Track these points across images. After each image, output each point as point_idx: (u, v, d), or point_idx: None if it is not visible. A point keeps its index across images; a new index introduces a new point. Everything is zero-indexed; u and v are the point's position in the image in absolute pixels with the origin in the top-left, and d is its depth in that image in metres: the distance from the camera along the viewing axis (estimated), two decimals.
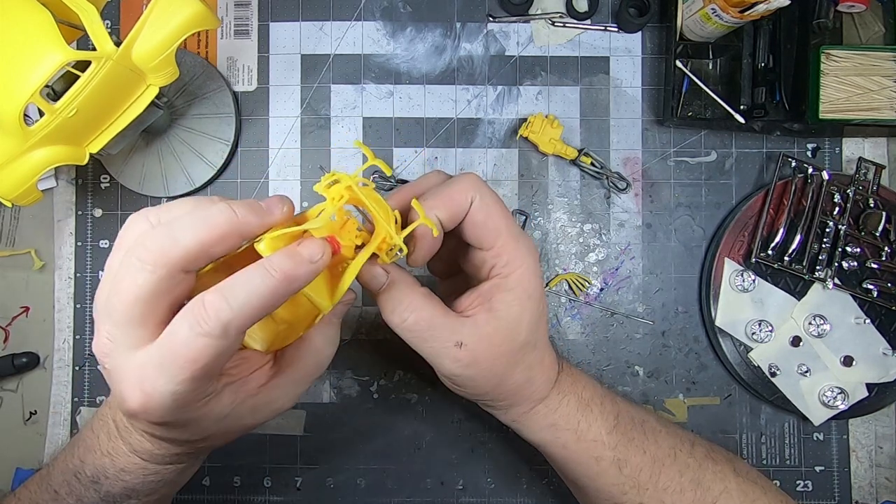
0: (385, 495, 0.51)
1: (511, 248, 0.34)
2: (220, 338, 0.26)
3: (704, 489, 0.38)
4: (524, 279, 0.34)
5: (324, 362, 0.35)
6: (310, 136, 0.52)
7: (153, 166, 0.50)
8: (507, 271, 0.34)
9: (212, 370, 0.28)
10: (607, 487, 0.39)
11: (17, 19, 0.35)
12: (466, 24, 0.52)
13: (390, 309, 0.34)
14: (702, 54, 0.52)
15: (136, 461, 0.35)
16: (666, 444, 0.39)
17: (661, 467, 0.38)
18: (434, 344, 0.34)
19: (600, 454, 0.38)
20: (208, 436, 0.33)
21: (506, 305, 0.34)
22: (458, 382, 0.36)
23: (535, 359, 0.37)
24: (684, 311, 0.52)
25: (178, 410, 0.29)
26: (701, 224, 0.52)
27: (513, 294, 0.34)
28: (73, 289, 0.52)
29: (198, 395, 0.29)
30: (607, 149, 0.52)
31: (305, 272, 0.27)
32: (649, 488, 0.38)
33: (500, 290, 0.34)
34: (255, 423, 0.33)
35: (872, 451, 0.52)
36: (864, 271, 0.50)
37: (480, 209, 0.33)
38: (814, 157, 0.52)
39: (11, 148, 0.38)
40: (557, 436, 0.38)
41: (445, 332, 0.34)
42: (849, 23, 0.52)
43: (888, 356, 0.49)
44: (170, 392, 0.27)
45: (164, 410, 0.28)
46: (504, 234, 0.34)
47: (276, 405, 0.34)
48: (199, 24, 0.38)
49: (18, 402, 0.52)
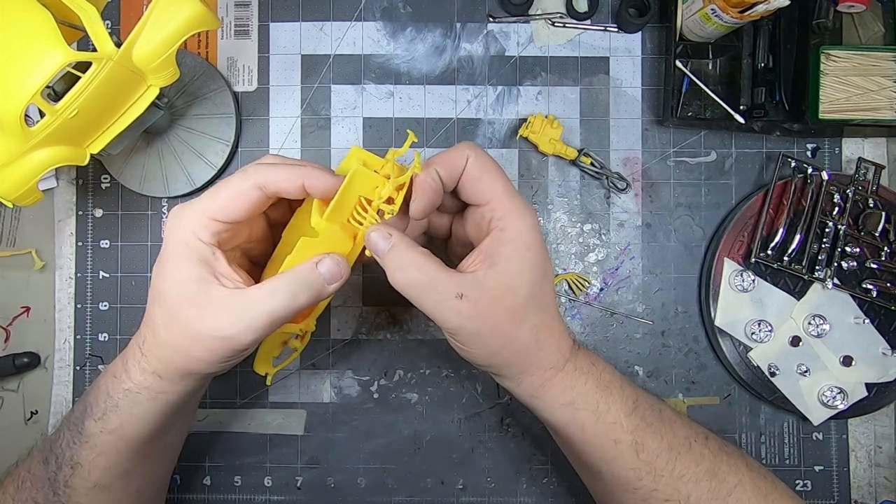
0: (385, 495, 0.51)
1: (507, 201, 0.36)
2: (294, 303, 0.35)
3: (720, 480, 0.38)
4: (521, 231, 0.36)
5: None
6: (310, 137, 0.52)
7: (154, 166, 0.51)
8: (504, 224, 0.36)
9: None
10: (623, 472, 0.38)
11: (18, 20, 0.35)
12: (466, 25, 0.52)
13: (394, 268, 0.36)
14: (702, 54, 0.52)
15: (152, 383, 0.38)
16: (681, 433, 0.39)
17: (676, 455, 0.38)
18: (436, 297, 0.35)
19: (618, 437, 0.38)
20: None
21: (505, 258, 0.35)
22: (464, 339, 0.36)
23: (543, 321, 0.37)
24: (684, 310, 0.52)
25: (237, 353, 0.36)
26: (701, 224, 0.52)
27: (511, 246, 0.36)
28: (73, 289, 0.52)
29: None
30: (607, 149, 0.52)
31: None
32: (665, 475, 0.37)
33: (499, 243, 0.36)
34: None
35: (872, 450, 0.52)
36: (863, 271, 0.50)
37: (476, 166, 0.37)
38: (814, 157, 0.52)
39: (12, 148, 0.38)
40: (576, 415, 0.38)
41: (447, 284, 0.35)
42: (849, 23, 0.52)
43: (887, 356, 0.49)
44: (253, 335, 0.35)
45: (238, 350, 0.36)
46: (500, 189, 0.36)
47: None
48: (199, 24, 0.38)
49: (19, 401, 0.52)
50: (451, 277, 0.35)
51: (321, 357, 0.52)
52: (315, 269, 0.36)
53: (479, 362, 0.38)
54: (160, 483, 0.45)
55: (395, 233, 0.36)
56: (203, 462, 0.51)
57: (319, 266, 0.36)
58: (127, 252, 0.52)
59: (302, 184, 0.36)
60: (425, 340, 0.52)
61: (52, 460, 0.39)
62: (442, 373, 0.52)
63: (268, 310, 0.34)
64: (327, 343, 0.52)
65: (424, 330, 0.52)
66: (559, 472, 0.51)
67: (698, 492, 0.37)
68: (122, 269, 0.52)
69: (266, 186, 0.36)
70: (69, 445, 0.38)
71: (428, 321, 0.51)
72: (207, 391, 0.51)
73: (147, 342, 0.37)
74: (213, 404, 0.51)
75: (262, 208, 0.37)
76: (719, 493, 0.38)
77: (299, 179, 0.36)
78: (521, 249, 0.36)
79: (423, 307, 0.35)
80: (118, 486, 0.39)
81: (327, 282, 0.36)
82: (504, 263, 0.35)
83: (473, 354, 0.37)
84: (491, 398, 0.51)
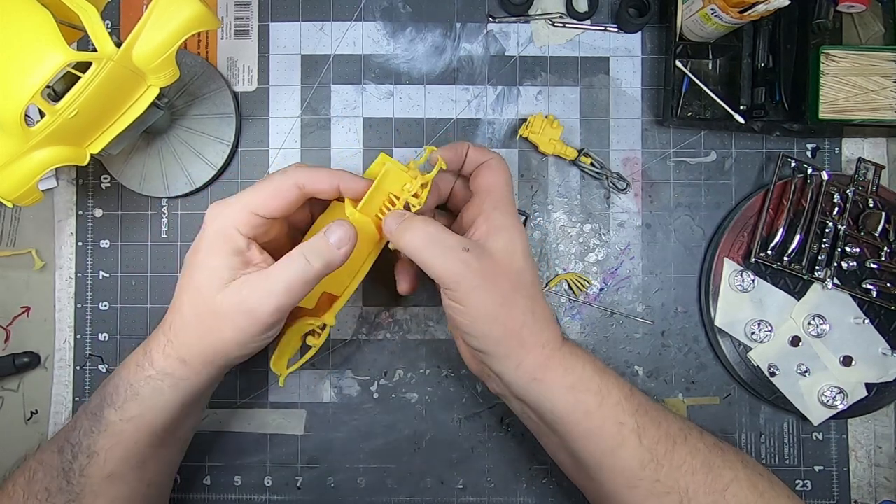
0: (385, 495, 0.51)
1: (504, 191, 0.41)
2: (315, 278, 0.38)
3: (716, 474, 0.38)
4: (508, 217, 0.40)
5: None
6: (310, 137, 0.52)
7: (154, 166, 0.51)
8: (494, 206, 0.40)
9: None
10: (627, 461, 0.37)
11: (18, 20, 0.35)
12: (466, 25, 0.52)
13: (401, 232, 0.38)
14: (702, 54, 0.52)
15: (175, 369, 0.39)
16: (675, 424, 0.39)
17: (674, 444, 0.38)
18: (443, 247, 0.37)
19: (623, 419, 0.37)
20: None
21: (501, 239, 0.39)
22: (463, 295, 0.37)
23: (536, 299, 0.39)
24: (684, 310, 0.52)
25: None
26: (700, 224, 0.52)
27: (505, 230, 0.39)
28: (73, 289, 0.52)
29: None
30: (607, 149, 0.52)
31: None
32: (665, 465, 0.37)
33: (494, 229, 0.39)
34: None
35: (871, 450, 0.52)
36: (863, 271, 0.50)
37: (497, 162, 0.42)
38: (813, 157, 0.52)
39: (12, 148, 0.38)
40: (579, 399, 0.38)
41: (454, 238, 0.38)
42: (848, 23, 0.52)
43: (887, 356, 0.49)
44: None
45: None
46: (504, 182, 0.41)
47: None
48: (199, 24, 0.38)
49: (19, 401, 0.52)
50: (457, 235, 0.38)
51: (321, 357, 0.52)
52: (324, 237, 0.38)
53: (474, 330, 0.38)
54: (169, 475, 0.46)
55: (407, 213, 0.40)
56: (203, 462, 0.51)
57: (328, 234, 0.38)
58: (127, 252, 0.52)
59: (338, 185, 0.39)
60: (425, 340, 0.52)
61: (67, 449, 0.39)
62: (442, 373, 0.52)
63: (284, 278, 0.37)
64: (327, 343, 0.52)
65: (424, 330, 0.52)
66: (559, 472, 0.51)
67: (696, 484, 0.37)
68: (122, 269, 0.52)
69: (305, 186, 0.39)
70: (86, 434, 0.39)
71: (428, 321, 0.51)
72: None
73: (174, 327, 0.39)
74: (213, 404, 0.51)
75: (296, 207, 0.40)
76: (716, 486, 0.37)
77: (336, 181, 0.39)
78: (512, 233, 0.40)
79: (428, 259, 0.37)
80: (132, 477, 0.40)
81: (336, 246, 0.38)
82: (501, 240, 0.39)
83: (470, 317, 0.37)
84: (491, 398, 0.51)
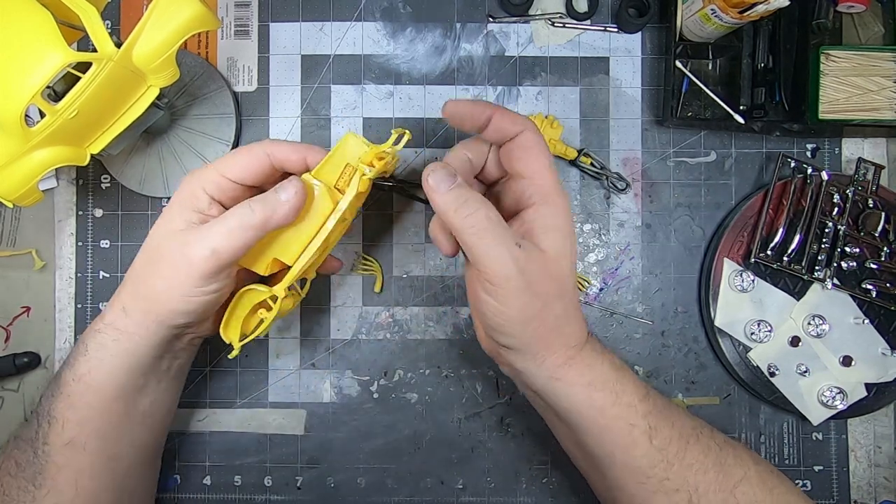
0: (385, 495, 0.51)
1: (549, 178, 0.37)
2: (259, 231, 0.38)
3: (727, 472, 0.38)
4: (560, 214, 0.37)
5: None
6: (310, 137, 0.52)
7: (154, 166, 0.51)
8: (543, 200, 0.37)
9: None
10: (637, 460, 0.38)
11: (18, 20, 0.35)
12: (466, 25, 0.52)
13: (456, 206, 0.35)
14: (701, 55, 0.52)
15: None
16: (689, 423, 0.39)
17: (686, 443, 0.38)
18: (497, 238, 0.35)
19: (634, 421, 0.38)
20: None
21: (551, 239, 0.37)
22: (506, 293, 0.35)
23: (572, 300, 0.38)
24: (684, 311, 0.52)
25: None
26: (700, 224, 0.52)
27: (557, 230, 0.37)
28: (73, 289, 0.52)
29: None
30: (607, 149, 0.52)
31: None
32: (675, 464, 0.37)
33: (544, 218, 0.37)
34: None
35: (871, 450, 0.52)
36: (863, 271, 0.50)
37: (531, 138, 0.38)
38: (813, 157, 0.52)
39: (12, 149, 0.38)
40: (594, 397, 0.37)
41: (509, 231, 0.36)
42: (848, 23, 0.52)
43: (887, 356, 0.49)
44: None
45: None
46: (544, 165, 0.37)
47: None
48: (199, 25, 0.38)
49: (19, 401, 0.52)
50: (509, 228, 0.36)
51: (321, 357, 0.52)
52: (272, 191, 0.38)
53: (506, 329, 0.37)
54: (143, 459, 0.44)
55: (459, 178, 0.36)
56: (203, 462, 0.52)
57: (277, 189, 0.38)
58: (127, 252, 0.52)
59: (304, 157, 0.40)
60: (425, 340, 0.52)
61: (34, 418, 0.40)
62: (442, 373, 0.52)
63: (224, 221, 0.37)
64: (327, 343, 0.52)
65: (424, 330, 0.52)
66: (559, 472, 0.51)
67: (706, 483, 0.37)
68: (122, 269, 0.52)
69: (274, 154, 0.40)
70: (47, 398, 0.40)
71: (428, 321, 0.51)
72: (208, 390, 0.51)
73: (124, 282, 0.41)
74: (213, 404, 0.51)
75: (266, 177, 0.40)
76: (726, 484, 0.38)
77: (303, 153, 0.40)
78: (565, 232, 0.37)
79: (482, 248, 0.35)
80: (92, 448, 0.40)
81: (282, 199, 0.37)
82: (550, 242, 0.37)
83: (505, 317, 0.36)
84: (491, 398, 0.51)
